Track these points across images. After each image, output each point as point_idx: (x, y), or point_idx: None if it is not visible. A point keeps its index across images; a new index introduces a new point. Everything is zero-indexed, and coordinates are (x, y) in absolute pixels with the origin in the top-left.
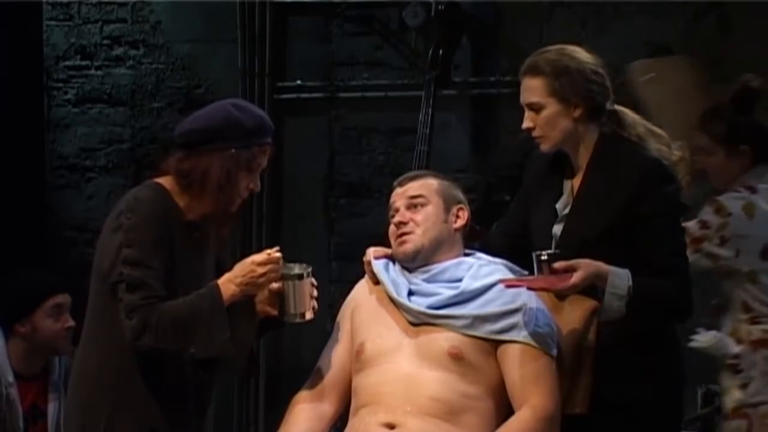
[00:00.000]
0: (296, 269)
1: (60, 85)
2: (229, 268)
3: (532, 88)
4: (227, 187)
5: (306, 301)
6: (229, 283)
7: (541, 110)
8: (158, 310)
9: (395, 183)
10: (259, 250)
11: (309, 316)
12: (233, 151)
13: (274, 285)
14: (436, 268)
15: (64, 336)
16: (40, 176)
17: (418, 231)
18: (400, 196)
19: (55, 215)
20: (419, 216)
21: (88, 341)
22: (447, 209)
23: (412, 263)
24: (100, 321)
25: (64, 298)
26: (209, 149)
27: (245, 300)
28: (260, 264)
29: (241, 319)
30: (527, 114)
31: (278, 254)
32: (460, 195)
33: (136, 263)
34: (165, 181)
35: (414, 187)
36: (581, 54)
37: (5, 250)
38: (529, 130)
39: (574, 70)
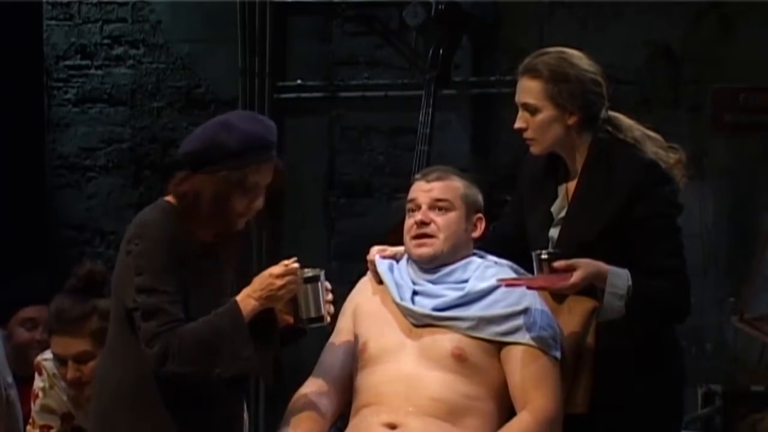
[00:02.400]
0: (309, 273)
1: (60, 84)
2: (247, 282)
3: (529, 90)
4: (219, 210)
5: (321, 305)
6: (248, 298)
7: (535, 113)
8: (178, 334)
9: (419, 175)
10: (259, 250)
11: (327, 319)
12: (222, 173)
13: None
14: (445, 270)
15: (35, 347)
16: (41, 176)
17: (441, 236)
18: (424, 194)
19: (55, 215)
20: (442, 220)
21: (108, 352)
22: (468, 218)
23: (427, 265)
24: (120, 333)
25: (37, 312)
26: (201, 172)
27: (266, 311)
28: (279, 276)
29: (264, 331)
30: (521, 114)
31: (296, 264)
32: (481, 200)
33: (150, 290)
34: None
35: (441, 189)
36: (582, 61)
37: (5, 250)
38: (521, 130)
39: (573, 78)
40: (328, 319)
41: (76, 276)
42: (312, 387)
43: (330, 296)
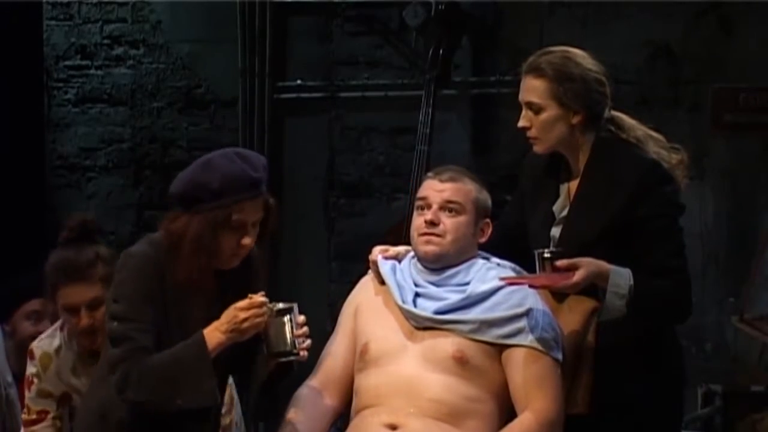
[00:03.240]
0: (280, 306)
1: (60, 84)
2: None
3: (534, 89)
4: (202, 249)
5: (290, 338)
6: (215, 331)
7: (539, 112)
8: (140, 362)
9: (432, 173)
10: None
11: (301, 354)
12: (206, 213)
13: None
14: (448, 272)
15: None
16: (41, 176)
17: (448, 238)
18: (436, 194)
19: (56, 215)
20: (451, 223)
21: (94, 381)
22: (476, 222)
23: (431, 265)
24: (104, 364)
25: (42, 305)
26: (190, 211)
27: (253, 346)
28: (242, 309)
29: (249, 365)
30: (525, 113)
31: (261, 298)
32: (489, 204)
33: (122, 318)
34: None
35: (453, 191)
36: (586, 61)
37: (5, 250)
38: (525, 129)
39: (578, 78)
40: (303, 353)
41: (69, 228)
42: (312, 387)
43: (304, 330)
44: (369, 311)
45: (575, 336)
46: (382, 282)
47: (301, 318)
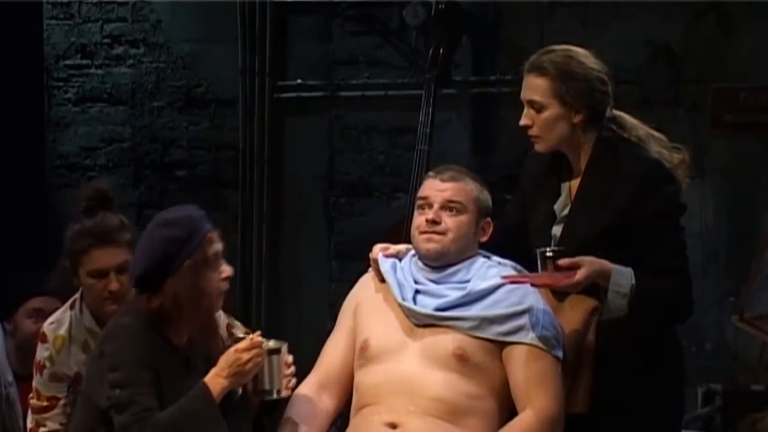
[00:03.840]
0: (271, 345)
1: (60, 84)
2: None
3: (536, 87)
4: (201, 296)
5: (278, 378)
6: (217, 377)
7: (541, 110)
8: (150, 422)
9: (433, 172)
10: (259, 250)
11: (285, 393)
12: (186, 263)
13: None
14: (449, 269)
15: None
16: (41, 175)
17: (449, 236)
18: (438, 193)
19: (56, 214)
20: (453, 222)
21: None
22: (477, 222)
23: (432, 263)
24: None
25: (44, 302)
26: (168, 278)
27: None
28: (245, 350)
29: (237, 404)
30: (526, 111)
31: (260, 338)
32: (490, 204)
33: (124, 385)
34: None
35: (454, 191)
36: (588, 60)
37: (6, 249)
38: (526, 127)
39: (580, 77)
40: (288, 393)
41: (86, 197)
42: (312, 385)
43: (291, 369)
44: (369, 309)
45: (576, 335)
46: (383, 280)
47: (290, 358)
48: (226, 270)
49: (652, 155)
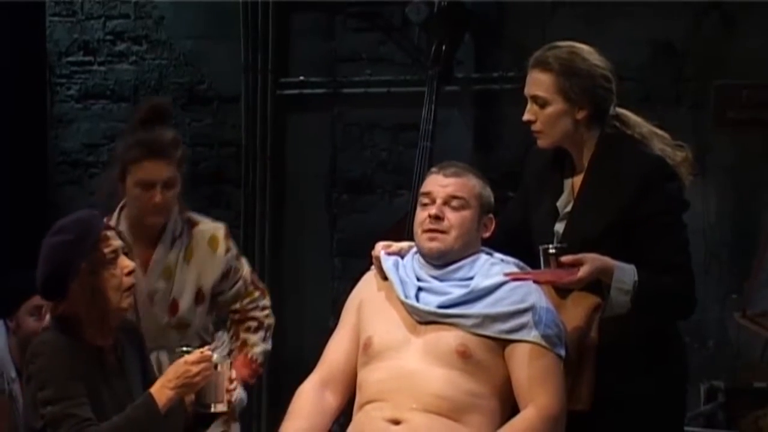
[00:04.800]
0: (216, 359)
1: (63, 80)
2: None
3: (540, 83)
4: (104, 295)
5: (223, 392)
6: (163, 388)
7: (545, 106)
8: None
9: (436, 168)
10: (262, 247)
11: (223, 407)
12: (83, 267)
13: None
14: (451, 266)
15: None
16: (43, 172)
17: (453, 233)
18: (440, 189)
19: (58, 211)
20: (456, 218)
21: None
22: (480, 218)
23: (435, 261)
24: None
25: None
26: (70, 285)
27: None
28: (194, 363)
29: (171, 417)
30: (530, 106)
31: (209, 352)
32: (492, 201)
33: (56, 399)
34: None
35: (457, 186)
36: (593, 56)
37: (8, 246)
38: (529, 122)
39: (584, 73)
40: (225, 407)
41: (141, 110)
42: (315, 382)
43: (234, 385)
44: (372, 306)
45: (578, 332)
46: (385, 277)
47: (233, 373)
48: (128, 265)
49: (655, 152)
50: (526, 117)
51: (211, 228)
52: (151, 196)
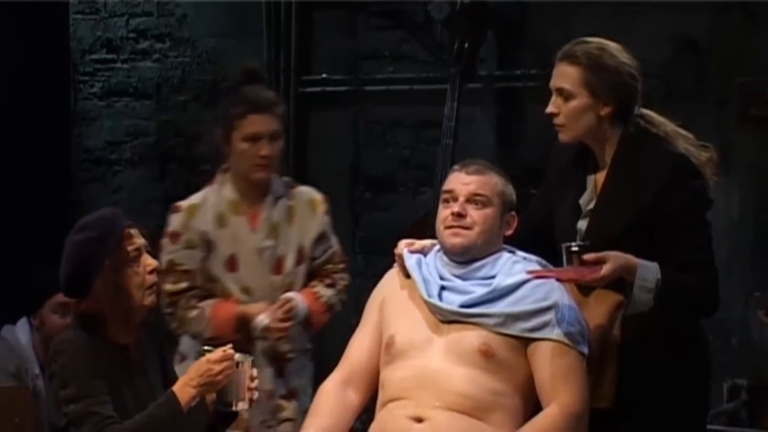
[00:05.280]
0: (238, 357)
1: (86, 78)
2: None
3: (567, 75)
4: (127, 292)
5: (242, 390)
6: (185, 386)
7: (569, 99)
8: (114, 431)
9: (458, 166)
10: None
11: (244, 406)
12: (106, 264)
13: None
14: (473, 265)
15: None
16: (67, 169)
17: (475, 229)
18: (463, 187)
19: (82, 208)
20: (478, 215)
21: None
22: (502, 215)
23: (458, 257)
24: None
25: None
26: (94, 283)
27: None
28: (217, 362)
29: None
30: (554, 99)
31: (231, 350)
32: (514, 198)
33: (77, 398)
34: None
35: (479, 184)
36: (621, 54)
37: (32, 244)
38: (553, 115)
39: (612, 69)
40: (247, 405)
41: (241, 73)
42: (337, 380)
43: (255, 383)
44: (395, 305)
45: (601, 330)
46: (408, 275)
47: (254, 371)
48: (151, 263)
49: (679, 150)
50: (549, 109)
51: (310, 191)
52: (258, 148)
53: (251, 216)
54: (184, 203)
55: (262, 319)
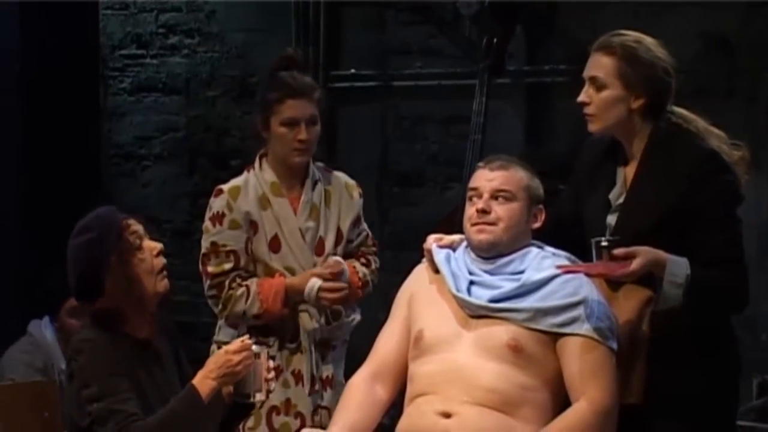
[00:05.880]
0: (255, 349)
1: (116, 74)
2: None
3: (601, 65)
4: (140, 281)
5: (260, 381)
6: (205, 379)
7: (602, 89)
8: (139, 428)
9: (483, 163)
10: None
11: (261, 397)
12: (112, 260)
13: None
14: (502, 260)
15: None
16: (96, 165)
17: (501, 225)
18: (487, 183)
19: (111, 203)
20: (503, 210)
21: None
22: (529, 209)
23: (485, 253)
24: None
25: None
26: (105, 281)
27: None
28: (235, 353)
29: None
30: (587, 88)
31: (250, 341)
32: (541, 192)
33: (100, 397)
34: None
35: (503, 179)
36: (657, 49)
37: (62, 239)
38: (584, 104)
39: (647, 62)
40: (264, 396)
41: (279, 59)
42: (366, 375)
43: (272, 374)
44: (423, 299)
45: (630, 325)
46: (437, 270)
47: (271, 363)
48: (155, 246)
49: (709, 145)
50: (580, 98)
51: (345, 176)
52: (296, 133)
53: (292, 198)
54: (225, 186)
55: (315, 282)
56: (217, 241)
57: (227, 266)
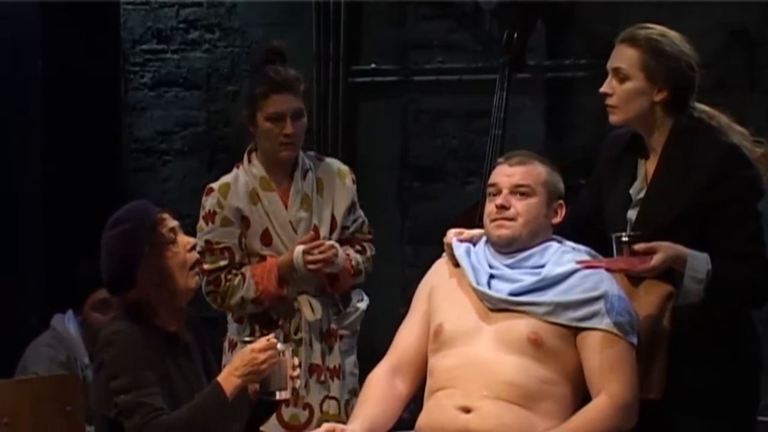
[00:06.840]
0: (280, 347)
1: (136, 68)
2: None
3: (625, 57)
4: (172, 274)
5: (285, 379)
6: (230, 376)
7: (625, 80)
8: (164, 423)
9: (502, 159)
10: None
11: (286, 395)
12: (145, 252)
13: None
14: (522, 254)
15: None
16: (117, 159)
17: (520, 220)
18: (506, 179)
19: (132, 198)
20: (522, 205)
21: None
22: (549, 204)
23: (505, 249)
24: None
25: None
26: (137, 274)
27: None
28: (261, 351)
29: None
30: (609, 79)
31: (275, 339)
32: (562, 187)
33: (128, 389)
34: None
35: (522, 175)
36: (682, 43)
37: (82, 233)
38: (606, 95)
39: (671, 56)
40: (288, 395)
41: (263, 52)
42: (386, 369)
43: (297, 372)
44: (443, 293)
45: (651, 320)
46: (457, 264)
47: (296, 360)
48: (189, 241)
49: (730, 140)
50: (603, 89)
51: (336, 162)
52: (282, 127)
53: (282, 191)
54: (215, 184)
55: (299, 249)
56: (211, 239)
57: (222, 263)
